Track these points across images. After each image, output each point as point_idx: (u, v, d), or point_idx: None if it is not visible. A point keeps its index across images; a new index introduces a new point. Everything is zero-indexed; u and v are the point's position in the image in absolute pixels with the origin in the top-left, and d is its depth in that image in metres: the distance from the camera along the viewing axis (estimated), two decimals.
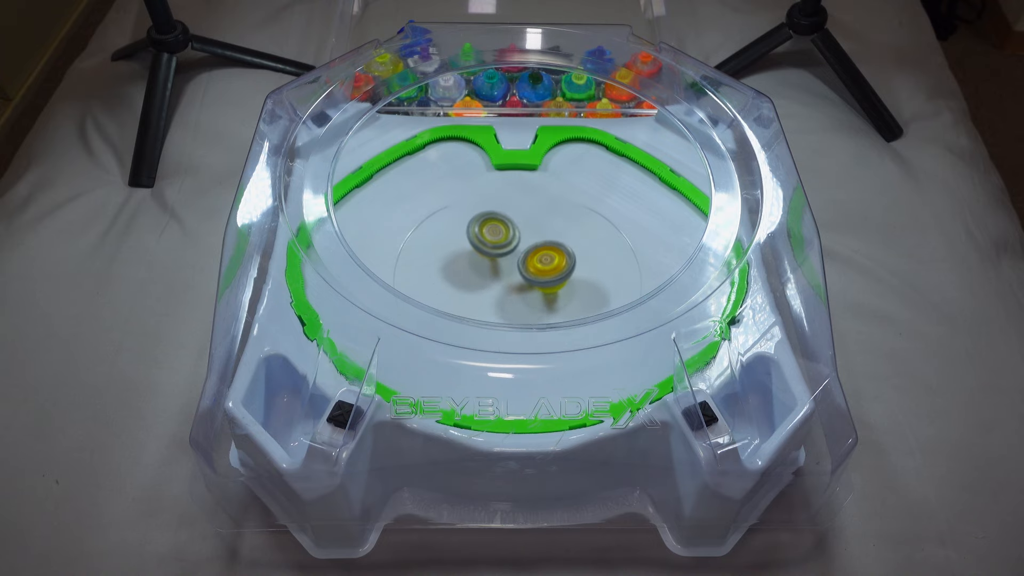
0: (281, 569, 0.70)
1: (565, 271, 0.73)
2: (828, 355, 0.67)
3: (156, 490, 0.75)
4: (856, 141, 1.07)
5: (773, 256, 0.76)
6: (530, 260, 0.74)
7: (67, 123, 1.09)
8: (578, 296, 0.77)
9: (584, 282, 0.78)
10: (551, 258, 0.74)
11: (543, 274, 0.73)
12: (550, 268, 0.73)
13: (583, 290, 0.77)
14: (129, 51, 1.16)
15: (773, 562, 0.71)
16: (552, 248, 0.74)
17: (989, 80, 1.73)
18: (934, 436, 0.79)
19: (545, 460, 0.65)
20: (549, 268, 0.73)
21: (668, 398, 0.65)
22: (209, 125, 1.07)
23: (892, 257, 0.94)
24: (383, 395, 0.64)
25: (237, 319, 0.70)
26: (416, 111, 0.93)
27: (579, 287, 0.78)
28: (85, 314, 0.87)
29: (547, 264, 0.73)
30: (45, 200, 0.98)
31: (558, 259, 0.74)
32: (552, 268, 0.73)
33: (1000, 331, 0.88)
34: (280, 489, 0.66)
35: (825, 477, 0.67)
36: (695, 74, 0.87)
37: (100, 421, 0.79)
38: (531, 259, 0.74)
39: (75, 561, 0.71)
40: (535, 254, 0.74)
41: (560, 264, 0.73)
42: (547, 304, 0.76)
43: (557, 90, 0.94)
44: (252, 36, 1.18)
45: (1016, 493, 0.76)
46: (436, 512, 0.71)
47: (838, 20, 1.15)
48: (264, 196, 0.77)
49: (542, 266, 0.73)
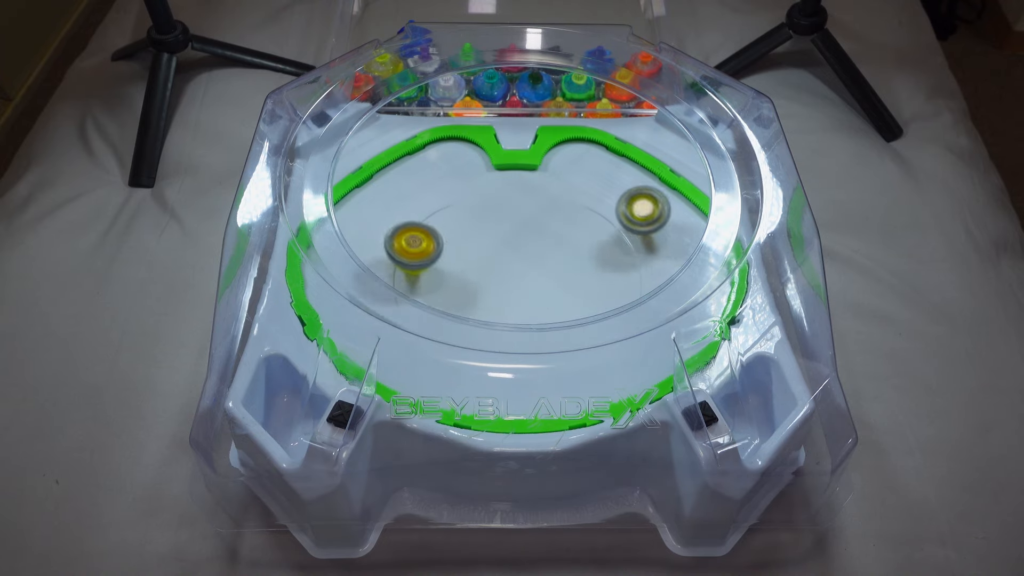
0: (281, 569, 0.70)
1: (432, 256, 0.72)
2: (828, 355, 0.67)
3: (156, 490, 0.75)
4: (856, 141, 1.07)
5: (773, 256, 0.76)
6: (397, 239, 0.73)
7: (67, 123, 1.09)
8: (578, 296, 0.77)
9: (584, 282, 0.78)
10: (419, 240, 0.73)
11: (409, 256, 0.72)
12: (417, 251, 0.73)
13: (584, 290, 0.77)
14: (129, 51, 1.16)
15: (773, 562, 0.71)
16: (421, 230, 0.73)
17: (989, 80, 1.73)
18: (934, 436, 0.79)
19: (545, 460, 0.65)
20: (416, 251, 0.72)
21: (668, 398, 0.65)
22: (209, 125, 1.07)
23: (892, 257, 0.94)
24: (383, 395, 0.64)
25: (237, 319, 0.70)
26: (416, 111, 0.93)
27: (580, 287, 0.78)
28: (85, 314, 0.87)
29: (415, 246, 0.73)
30: (45, 200, 0.98)
31: (426, 242, 0.73)
32: (419, 251, 0.72)
33: (1000, 331, 0.88)
34: (280, 489, 0.66)
35: (825, 477, 0.67)
36: (695, 74, 0.87)
37: (100, 421, 0.79)
38: (398, 238, 0.73)
39: (75, 561, 0.71)
40: (403, 234, 0.73)
41: (427, 248, 0.73)
42: (409, 285, 0.76)
43: (557, 90, 0.94)
44: (252, 36, 1.18)
45: (1016, 493, 0.76)
46: (436, 512, 0.71)
47: (838, 20, 1.15)
48: (264, 196, 0.77)
49: (408, 247, 0.73)
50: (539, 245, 0.81)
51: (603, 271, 0.79)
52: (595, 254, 0.80)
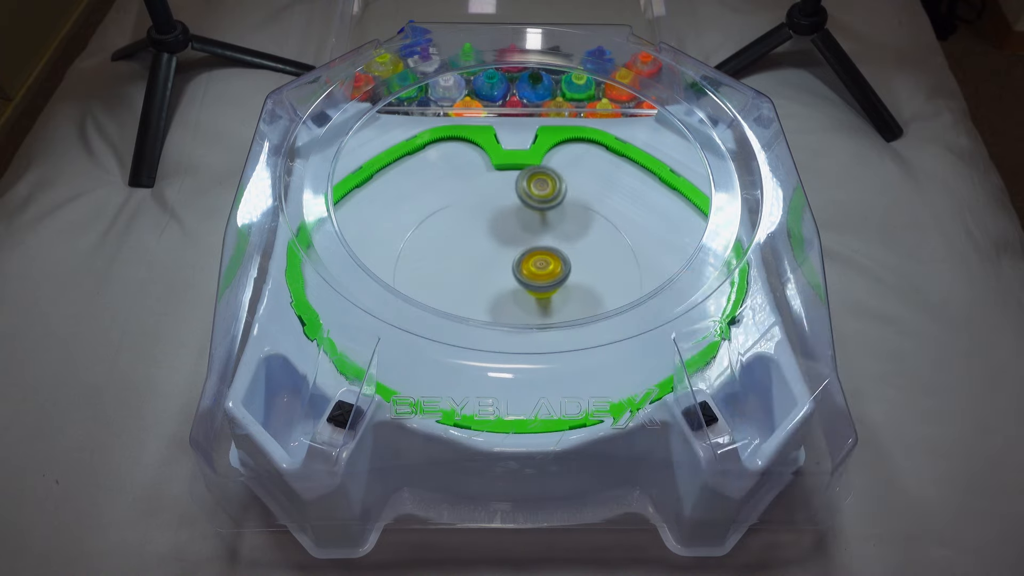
0: (281, 569, 0.70)
1: (560, 277, 0.72)
2: (828, 355, 0.67)
3: (156, 490, 0.75)
4: (856, 141, 1.07)
5: (773, 256, 0.76)
6: (525, 264, 0.73)
7: (67, 123, 1.09)
8: (578, 296, 0.77)
9: (584, 282, 0.78)
10: (546, 263, 0.73)
11: (537, 278, 0.73)
12: (545, 273, 0.73)
13: (583, 290, 0.77)
14: (129, 51, 1.16)
15: (773, 562, 0.71)
16: (548, 253, 0.74)
17: (989, 80, 1.73)
18: (934, 436, 0.79)
19: (545, 460, 0.65)
20: (544, 273, 0.73)
21: (668, 398, 0.65)
22: (209, 125, 1.07)
23: (892, 257, 0.94)
24: (383, 395, 0.64)
25: (237, 319, 0.70)
26: (416, 111, 0.93)
27: (579, 287, 0.78)
28: (85, 314, 0.87)
29: (542, 269, 0.73)
30: (45, 200, 0.98)
31: (553, 264, 0.73)
32: (547, 273, 0.73)
33: (1000, 331, 0.88)
34: (280, 489, 0.66)
35: (825, 477, 0.67)
36: (695, 74, 0.87)
37: (100, 421, 0.79)
38: (526, 263, 0.73)
39: (75, 561, 0.71)
40: (530, 258, 0.74)
41: (555, 270, 0.73)
42: (541, 308, 0.76)
43: (557, 90, 0.94)
44: (252, 36, 1.18)
45: (1016, 493, 0.76)
46: (436, 512, 0.71)
47: (838, 20, 1.15)
48: (264, 196, 0.77)
49: (537, 270, 0.73)
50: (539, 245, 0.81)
51: (603, 271, 0.79)
52: (595, 254, 0.80)
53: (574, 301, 0.76)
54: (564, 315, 0.75)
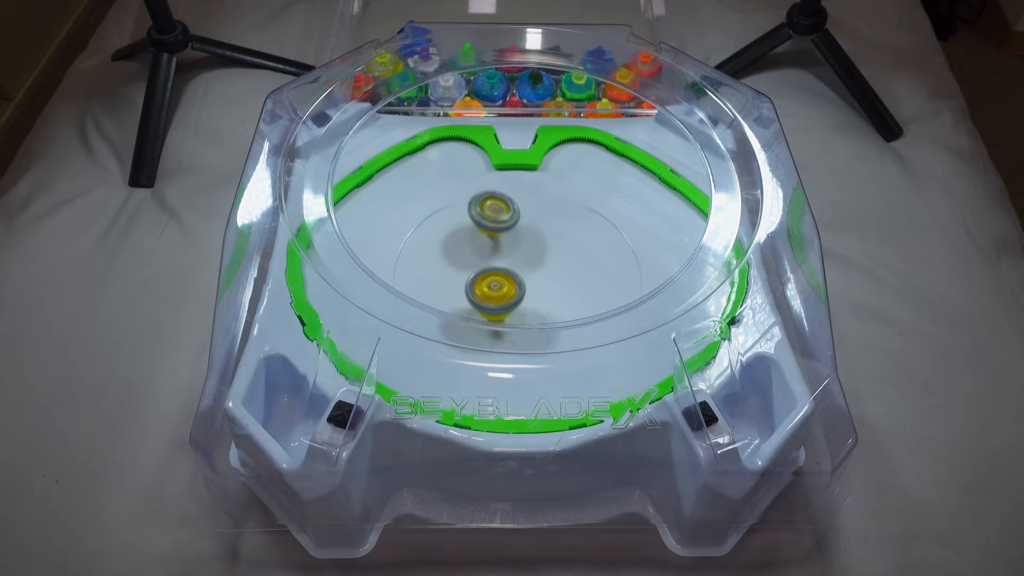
0: (281, 569, 0.70)
1: (513, 300, 0.70)
2: (828, 355, 0.67)
3: (156, 490, 0.75)
4: (856, 141, 1.07)
5: (773, 256, 0.76)
6: (478, 284, 0.71)
7: (67, 123, 1.09)
8: (578, 296, 0.77)
9: (584, 282, 0.78)
10: (500, 284, 0.72)
11: (490, 300, 0.70)
12: (498, 295, 0.71)
13: (583, 290, 0.77)
14: (129, 51, 1.16)
15: (773, 562, 0.71)
16: (502, 275, 0.72)
17: (989, 80, 1.73)
18: (934, 436, 0.79)
19: (545, 460, 0.65)
20: (497, 295, 0.71)
21: (668, 398, 0.65)
22: (209, 125, 1.07)
23: (892, 257, 0.94)
24: (383, 395, 0.64)
25: (237, 319, 0.70)
26: (416, 111, 0.93)
27: (579, 287, 0.78)
28: (85, 314, 0.87)
29: (495, 290, 0.71)
30: (45, 200, 0.98)
31: (508, 287, 0.71)
32: (500, 295, 0.71)
33: (1000, 331, 0.88)
34: (280, 489, 0.66)
35: (825, 477, 0.67)
36: (695, 74, 0.87)
37: (100, 421, 0.79)
38: (479, 284, 0.71)
39: (75, 561, 0.71)
40: (484, 279, 0.72)
41: (509, 292, 0.71)
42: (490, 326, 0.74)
43: (557, 90, 0.94)
44: (252, 36, 1.18)
45: (1016, 493, 0.76)
46: (436, 512, 0.71)
47: (838, 20, 1.15)
48: (264, 196, 0.77)
49: (490, 292, 0.71)
50: (539, 245, 0.81)
51: (603, 271, 0.79)
52: (595, 254, 0.80)
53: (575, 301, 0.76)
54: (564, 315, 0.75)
